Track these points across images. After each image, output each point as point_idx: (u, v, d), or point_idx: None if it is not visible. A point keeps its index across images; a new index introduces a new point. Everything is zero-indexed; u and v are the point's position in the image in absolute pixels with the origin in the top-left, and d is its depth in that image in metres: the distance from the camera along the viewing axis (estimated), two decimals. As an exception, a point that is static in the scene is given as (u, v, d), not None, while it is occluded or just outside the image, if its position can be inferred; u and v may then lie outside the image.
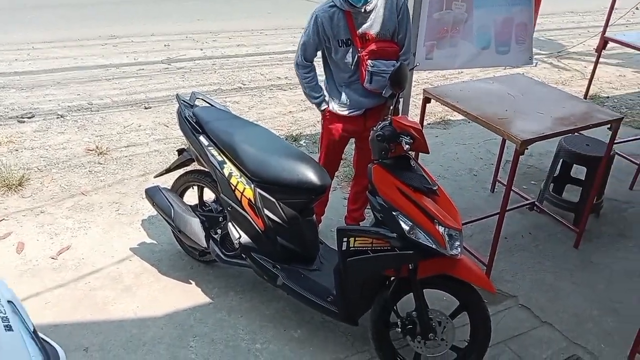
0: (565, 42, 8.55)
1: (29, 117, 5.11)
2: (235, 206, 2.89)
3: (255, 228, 2.84)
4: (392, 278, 2.54)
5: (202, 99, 3.29)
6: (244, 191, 2.83)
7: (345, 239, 2.44)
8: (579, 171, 3.93)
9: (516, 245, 3.68)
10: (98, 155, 4.50)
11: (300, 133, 5.00)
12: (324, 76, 3.19)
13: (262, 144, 2.92)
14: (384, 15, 2.91)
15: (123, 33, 7.89)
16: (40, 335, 1.67)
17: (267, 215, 2.80)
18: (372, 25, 2.91)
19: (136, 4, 9.57)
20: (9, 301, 1.60)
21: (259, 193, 2.79)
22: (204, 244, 3.08)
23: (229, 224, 2.95)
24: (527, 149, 2.92)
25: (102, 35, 7.75)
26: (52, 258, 3.32)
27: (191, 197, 3.42)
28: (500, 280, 3.34)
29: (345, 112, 3.13)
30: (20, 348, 1.50)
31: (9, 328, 1.50)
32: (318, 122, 4.53)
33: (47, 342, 1.68)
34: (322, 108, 3.17)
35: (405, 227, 2.29)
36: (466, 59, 3.60)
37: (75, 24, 8.22)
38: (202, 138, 2.99)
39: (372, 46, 2.93)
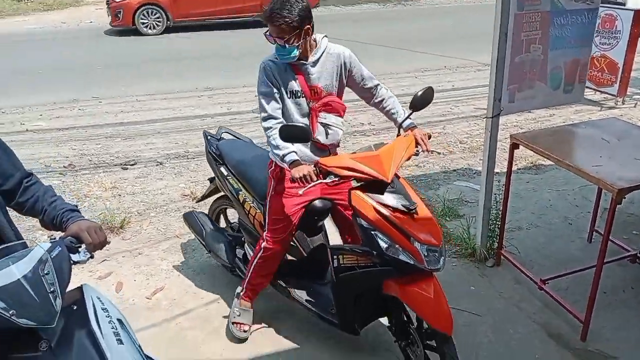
0: (669, 81, 8.03)
1: (131, 165, 5.54)
2: (250, 228, 3.25)
3: None
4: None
5: (228, 132, 3.74)
6: (255, 215, 3.14)
7: (335, 257, 2.69)
8: (687, 221, 3.62)
9: (617, 301, 3.42)
10: (192, 200, 4.76)
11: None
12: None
13: None
14: (329, 70, 2.79)
15: (218, 85, 8.42)
16: (147, 352, 1.84)
17: None
18: (320, 79, 2.77)
19: (229, 58, 10.20)
20: (118, 319, 1.79)
21: None
22: (230, 262, 3.43)
23: (246, 244, 3.37)
24: (624, 197, 2.75)
25: (198, 88, 8.32)
26: (147, 298, 3.52)
27: (230, 216, 3.87)
28: (599, 338, 3.10)
29: None
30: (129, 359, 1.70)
31: (120, 342, 1.70)
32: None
33: (151, 359, 1.85)
34: (295, 158, 2.63)
35: (384, 245, 2.43)
36: (541, 100, 3.69)
37: (174, 77, 8.90)
38: (222, 169, 3.38)
39: (324, 99, 2.79)
